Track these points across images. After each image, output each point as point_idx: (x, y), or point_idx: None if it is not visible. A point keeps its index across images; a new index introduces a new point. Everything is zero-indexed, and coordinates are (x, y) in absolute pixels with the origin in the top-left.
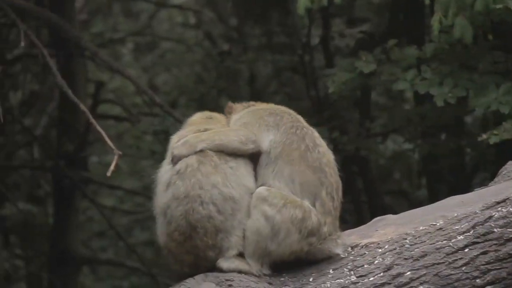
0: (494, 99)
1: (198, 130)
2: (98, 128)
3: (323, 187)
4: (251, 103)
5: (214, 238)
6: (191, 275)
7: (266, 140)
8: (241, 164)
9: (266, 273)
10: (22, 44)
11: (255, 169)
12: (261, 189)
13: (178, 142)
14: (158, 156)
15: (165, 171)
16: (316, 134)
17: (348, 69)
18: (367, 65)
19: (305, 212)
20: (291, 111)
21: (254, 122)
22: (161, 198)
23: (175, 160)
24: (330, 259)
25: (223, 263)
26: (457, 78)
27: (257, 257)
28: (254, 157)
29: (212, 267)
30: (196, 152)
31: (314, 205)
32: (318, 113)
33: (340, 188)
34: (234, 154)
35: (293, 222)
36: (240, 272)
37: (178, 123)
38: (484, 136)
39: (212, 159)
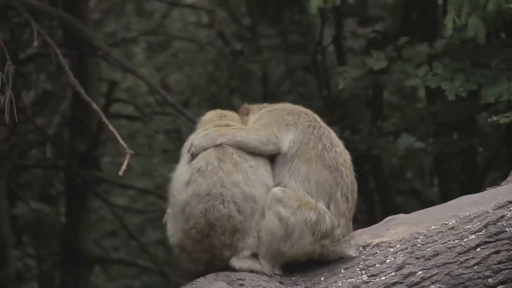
0: (506, 89)
1: (218, 125)
2: (110, 127)
3: (338, 187)
4: (265, 104)
5: (231, 238)
6: (204, 273)
7: (287, 141)
8: (260, 163)
9: (278, 273)
10: (35, 43)
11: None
12: (276, 190)
13: (198, 134)
14: (170, 155)
15: (183, 170)
16: (333, 134)
17: (359, 66)
18: (378, 62)
19: (319, 214)
20: (308, 110)
21: (274, 122)
22: (180, 195)
23: (194, 151)
24: (341, 258)
25: (235, 263)
26: (469, 74)
27: (269, 257)
28: (271, 156)
29: (226, 266)
30: (215, 146)
31: (328, 206)
32: (330, 112)
33: (356, 189)
34: (253, 153)
35: (307, 224)
36: (251, 271)
37: (190, 122)
38: (495, 118)
39: (232, 157)
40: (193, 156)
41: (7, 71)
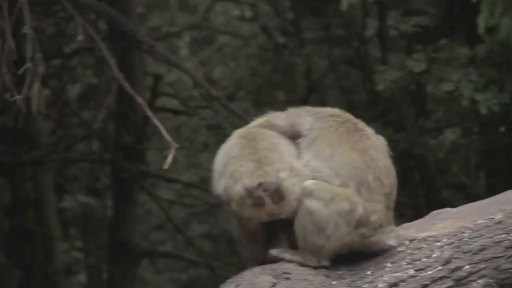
0: None
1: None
2: (155, 121)
3: (370, 170)
4: None
5: None
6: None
7: (304, 121)
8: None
9: (325, 264)
10: (80, 37)
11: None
12: (308, 183)
13: None
14: (212, 149)
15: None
16: (362, 123)
17: (399, 67)
18: (418, 64)
19: (352, 203)
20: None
21: (292, 114)
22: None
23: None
24: (387, 252)
25: (274, 251)
26: (504, 80)
27: (308, 251)
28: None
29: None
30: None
31: (359, 190)
32: (374, 106)
33: (393, 174)
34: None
35: (341, 215)
36: (291, 261)
37: (234, 115)
38: None
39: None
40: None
41: (37, 62)
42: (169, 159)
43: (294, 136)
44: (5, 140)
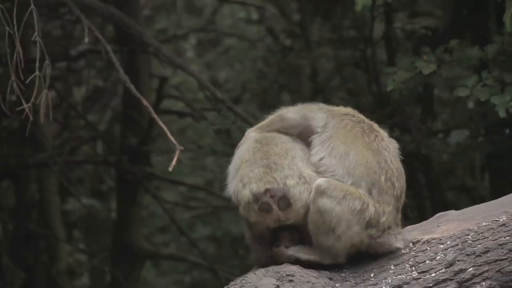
0: None
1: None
2: (160, 123)
3: (382, 171)
4: None
5: None
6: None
7: (319, 118)
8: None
9: (342, 262)
10: (86, 40)
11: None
12: (320, 181)
13: None
14: (218, 152)
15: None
16: (375, 125)
17: (408, 68)
18: (428, 66)
19: (364, 203)
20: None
21: (304, 107)
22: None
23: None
24: (391, 254)
25: (291, 251)
26: None
27: (323, 250)
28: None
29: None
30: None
31: (370, 191)
32: (380, 108)
33: (403, 177)
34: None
35: (353, 213)
36: (308, 261)
37: (240, 118)
38: None
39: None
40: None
41: (44, 70)
42: (174, 161)
43: (306, 131)
44: (10, 142)
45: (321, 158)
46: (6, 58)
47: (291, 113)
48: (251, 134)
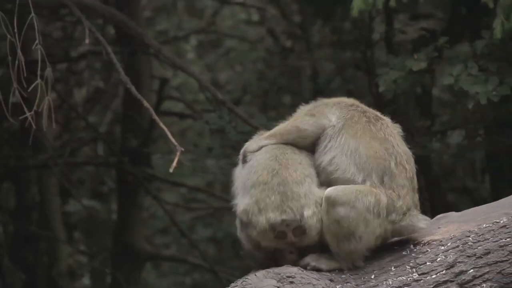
0: None
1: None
2: (161, 124)
3: (392, 157)
4: None
5: None
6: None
7: (331, 116)
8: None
9: (360, 265)
10: (87, 41)
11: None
12: (329, 192)
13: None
14: (216, 153)
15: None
16: (378, 113)
17: (399, 68)
18: (417, 63)
19: (376, 194)
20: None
21: (312, 107)
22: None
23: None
24: (391, 256)
25: (309, 260)
26: (504, 75)
27: (343, 256)
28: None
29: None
30: (260, 147)
31: (382, 179)
32: (380, 109)
33: (412, 159)
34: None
35: (369, 210)
36: (329, 271)
37: (240, 119)
38: None
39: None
40: (244, 159)
41: (46, 76)
42: (175, 163)
43: (320, 132)
44: (11, 144)
45: (333, 157)
46: (8, 61)
47: (307, 124)
48: (265, 142)
